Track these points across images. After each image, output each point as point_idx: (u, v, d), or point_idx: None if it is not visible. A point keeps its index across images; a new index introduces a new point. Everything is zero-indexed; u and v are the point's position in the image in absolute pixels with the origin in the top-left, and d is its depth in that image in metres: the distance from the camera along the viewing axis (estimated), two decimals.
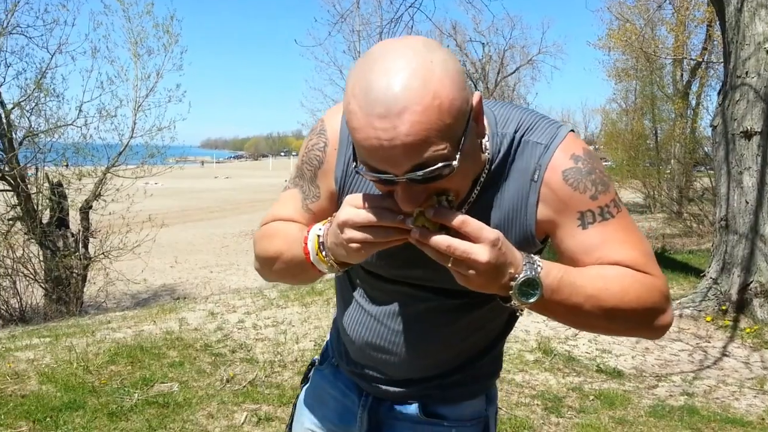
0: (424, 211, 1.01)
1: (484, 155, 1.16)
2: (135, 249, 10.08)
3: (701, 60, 20.93)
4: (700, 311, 5.90)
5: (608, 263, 1.17)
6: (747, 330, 5.53)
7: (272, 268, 1.33)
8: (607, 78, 30.96)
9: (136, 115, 10.57)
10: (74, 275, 9.52)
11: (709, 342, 5.38)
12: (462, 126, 1.00)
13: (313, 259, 1.18)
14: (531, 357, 4.87)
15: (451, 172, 1.00)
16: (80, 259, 9.64)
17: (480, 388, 1.45)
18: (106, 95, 10.55)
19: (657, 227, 19.69)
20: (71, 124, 9.94)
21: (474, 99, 1.04)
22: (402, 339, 1.35)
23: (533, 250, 1.21)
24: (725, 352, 5.19)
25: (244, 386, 4.16)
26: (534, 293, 1.07)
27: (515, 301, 1.08)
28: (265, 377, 4.33)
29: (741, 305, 5.81)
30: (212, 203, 31.06)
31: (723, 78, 6.37)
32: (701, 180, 19.87)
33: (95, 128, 10.19)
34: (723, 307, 5.84)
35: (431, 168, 0.97)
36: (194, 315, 5.93)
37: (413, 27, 8.85)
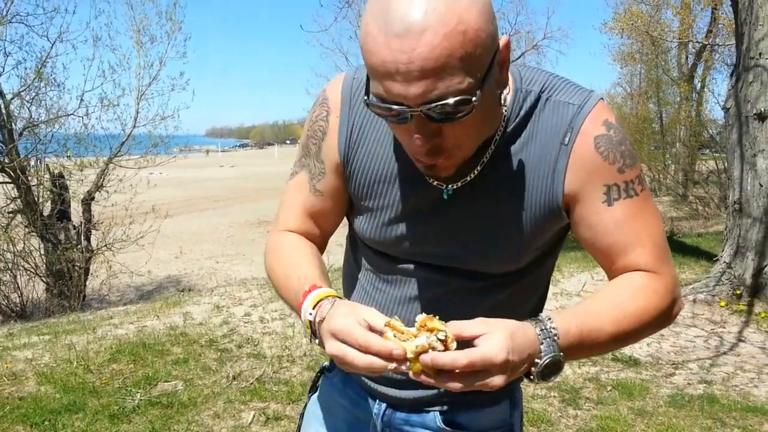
0: (419, 359, 0.90)
1: (503, 110, 1.09)
2: (138, 240, 9.99)
3: (707, 43, 20.71)
4: (714, 296, 5.78)
5: (624, 263, 1.13)
6: (762, 314, 5.42)
7: (276, 292, 1.28)
8: (612, 62, 30.76)
9: (139, 104, 10.50)
10: (76, 268, 9.42)
11: (724, 327, 5.27)
12: (486, 63, 0.92)
13: (304, 332, 1.09)
14: None
15: (469, 113, 0.92)
16: (82, 252, 9.54)
17: (505, 391, 1.31)
18: (108, 84, 10.50)
19: (663, 210, 19.57)
20: (72, 114, 9.87)
21: (502, 41, 0.96)
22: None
23: (555, 228, 1.15)
24: (741, 338, 5.08)
25: (252, 383, 4.06)
26: (557, 372, 1.00)
27: (536, 381, 1.01)
28: (273, 373, 4.22)
29: (756, 289, 5.68)
30: (217, 192, 30.94)
31: (735, 59, 6.21)
32: (707, 163, 19.74)
33: (97, 118, 10.15)
34: (737, 292, 5.71)
35: (448, 101, 0.89)
36: (199, 309, 5.83)
37: None
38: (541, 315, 1.02)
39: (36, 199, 9.32)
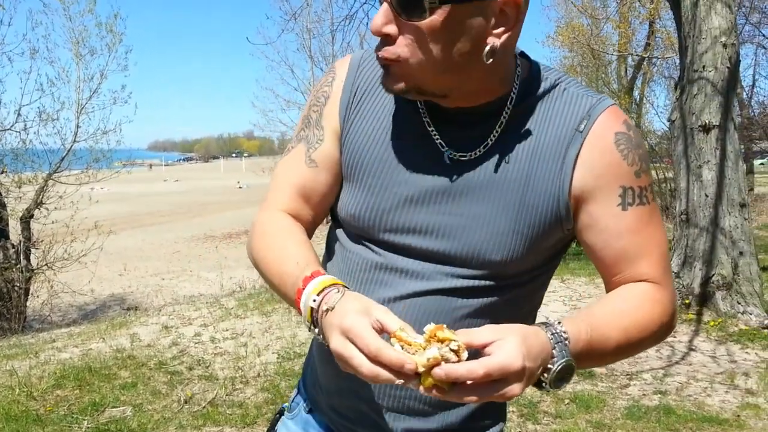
0: (432, 372, 0.83)
1: (500, 71, 1.05)
2: (81, 258, 9.72)
3: (645, 56, 21.34)
4: None
5: (631, 273, 1.09)
6: (711, 323, 5.53)
7: (263, 276, 1.17)
8: None
9: (79, 118, 10.25)
10: (16, 289, 9.08)
11: (675, 337, 5.35)
12: None
13: (303, 321, 0.99)
14: None
15: (418, 12, 0.93)
16: (22, 272, 9.21)
17: (500, 415, 1.24)
18: (47, 98, 10.15)
19: None
20: (9, 129, 9.61)
21: None
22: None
23: (555, 227, 1.09)
24: (692, 347, 5.16)
25: (204, 407, 3.92)
26: (569, 377, 0.94)
27: (548, 388, 0.94)
28: (226, 395, 4.09)
29: (704, 298, 5.81)
30: (162, 207, 30.38)
31: (679, 72, 6.37)
32: None
33: (35, 132, 9.84)
34: (686, 301, 5.83)
35: None
36: (147, 330, 5.64)
37: (368, 24, 8.69)
38: (550, 319, 0.96)
39: None
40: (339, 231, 1.21)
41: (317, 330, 0.95)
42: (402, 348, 0.84)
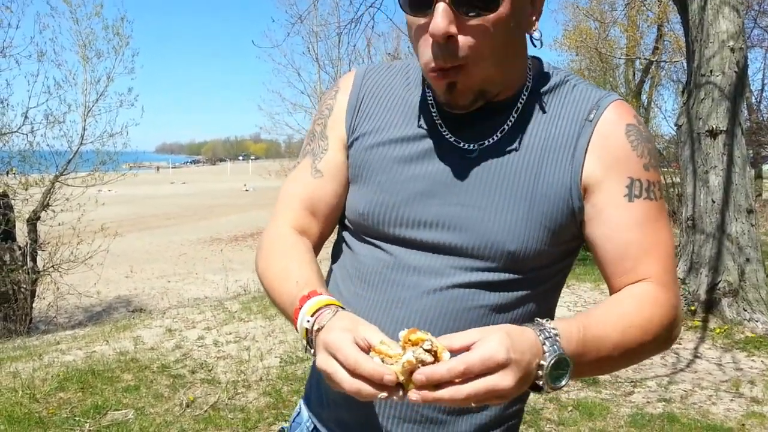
0: (413, 379, 0.80)
1: (524, 59, 1.11)
2: (87, 260, 9.73)
3: (653, 59, 21.27)
4: None
5: (636, 271, 1.06)
6: (717, 330, 5.49)
7: (266, 292, 1.18)
8: None
9: (86, 121, 10.26)
10: (22, 291, 9.10)
11: (680, 344, 5.32)
12: None
13: (299, 328, 0.98)
14: None
15: (493, 6, 0.94)
16: (28, 274, 9.24)
17: (514, 425, 1.21)
18: (54, 100, 10.23)
19: None
20: (16, 131, 9.61)
21: None
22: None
23: (567, 219, 1.08)
24: (697, 354, 5.13)
25: (206, 411, 3.91)
26: (565, 372, 0.89)
27: (546, 388, 0.89)
28: (228, 399, 4.09)
29: (710, 305, 5.77)
30: (169, 210, 30.42)
31: (687, 76, 6.34)
32: None
33: (42, 135, 9.85)
34: (692, 308, 5.79)
35: None
36: (150, 332, 5.63)
37: (374, 27, 8.70)
38: (537, 319, 0.93)
39: None
40: (346, 234, 1.22)
41: (312, 350, 0.95)
42: (383, 361, 0.82)
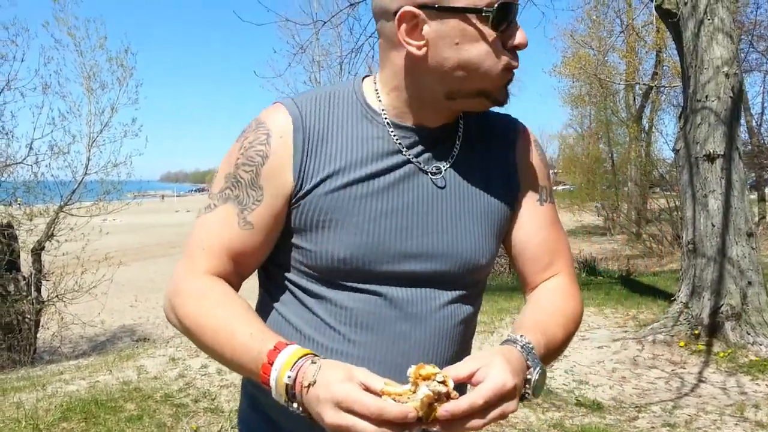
0: (437, 415, 0.87)
1: None
2: (91, 290, 9.75)
3: (653, 85, 21.42)
4: (673, 336, 5.84)
5: (553, 267, 1.26)
6: (721, 354, 5.47)
7: (200, 346, 1.12)
8: (563, 104, 31.54)
9: (91, 151, 10.38)
10: (26, 321, 9.12)
11: (684, 368, 5.31)
12: None
13: (276, 398, 0.97)
14: None
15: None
16: (32, 304, 9.25)
17: None
18: (58, 131, 10.34)
19: (618, 249, 19.92)
20: (21, 162, 9.72)
21: None
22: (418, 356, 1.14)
23: (508, 226, 1.25)
24: (701, 378, 5.11)
25: None
26: (544, 385, 1.03)
27: (531, 398, 1.02)
28: (231, 428, 4.08)
29: (713, 329, 5.76)
30: (173, 238, 30.40)
31: (683, 102, 6.40)
32: (658, 201, 20.20)
33: (47, 166, 9.95)
34: (695, 332, 5.78)
35: None
36: (154, 362, 5.64)
37: (374, 57, 8.80)
38: (511, 335, 1.05)
39: None
40: (305, 283, 1.17)
41: (296, 405, 0.94)
42: (395, 400, 0.87)
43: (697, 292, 5.92)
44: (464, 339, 1.22)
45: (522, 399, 0.99)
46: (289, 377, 0.93)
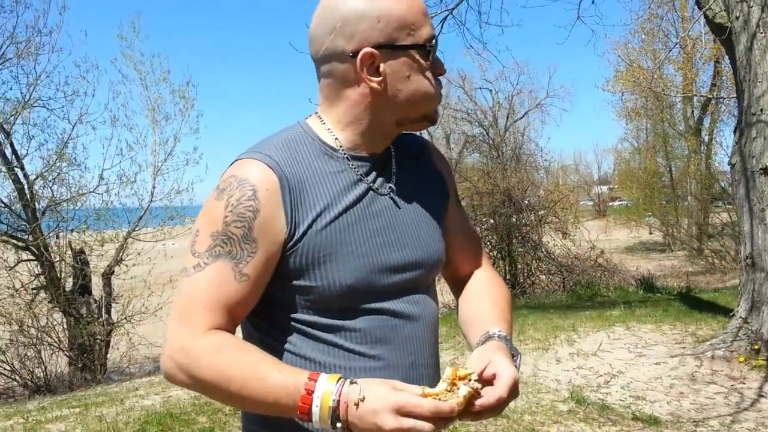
0: (473, 408, 1.10)
1: None
2: (157, 312, 10.06)
3: (711, 96, 21.00)
4: (732, 352, 5.80)
5: (479, 257, 1.54)
6: None
7: (225, 396, 1.17)
8: (617, 118, 31.11)
9: (155, 180, 10.77)
10: (98, 342, 9.53)
11: (744, 383, 5.27)
12: None
13: (317, 423, 1.07)
14: (564, 407, 4.79)
15: None
16: (103, 325, 9.66)
17: None
18: (126, 161, 10.77)
19: (679, 265, 19.49)
20: (93, 192, 10.18)
21: None
22: (425, 366, 1.35)
23: (445, 224, 1.46)
24: (761, 393, 5.07)
25: None
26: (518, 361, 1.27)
27: None
28: None
29: None
30: None
31: (738, 115, 6.38)
32: (720, 215, 19.71)
33: (116, 194, 10.42)
34: (755, 347, 5.73)
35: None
36: None
37: None
38: (489, 331, 1.29)
39: (59, 275, 9.50)
40: (314, 317, 1.24)
41: (340, 425, 1.05)
42: (438, 401, 1.07)
43: (756, 307, 5.87)
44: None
45: None
46: (334, 400, 1.04)
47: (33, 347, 9.04)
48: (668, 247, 24.70)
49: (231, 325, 1.21)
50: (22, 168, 9.51)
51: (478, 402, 1.08)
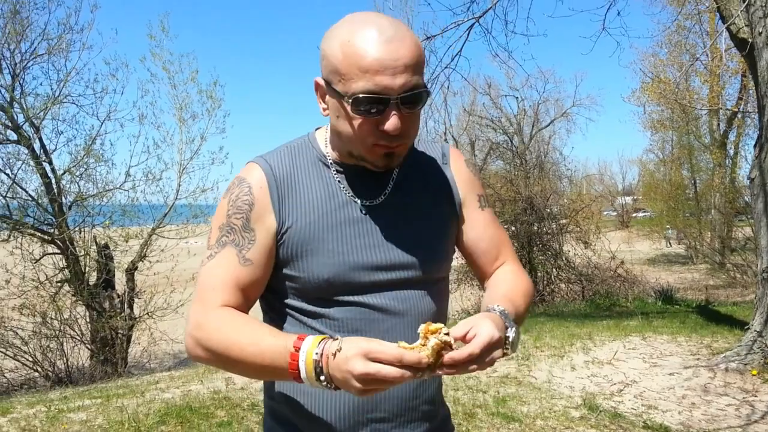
0: (443, 360, 1.13)
1: None
2: (178, 308, 10.19)
3: (737, 110, 20.81)
4: (746, 365, 5.81)
5: (502, 257, 1.54)
6: None
7: (228, 363, 1.29)
8: (643, 129, 30.87)
9: (181, 178, 10.89)
10: (119, 336, 9.69)
11: (756, 396, 5.28)
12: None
13: (305, 378, 1.16)
14: (576, 414, 4.85)
15: (422, 104, 1.28)
16: (125, 320, 9.80)
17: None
18: (153, 159, 10.94)
19: (700, 278, 19.35)
20: (119, 188, 10.30)
21: None
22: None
23: (455, 226, 1.51)
24: None
25: None
26: (519, 341, 1.31)
27: (510, 353, 1.27)
28: None
29: None
30: None
31: (759, 130, 6.39)
32: (743, 229, 19.52)
33: (141, 191, 10.53)
34: None
35: (422, 90, 1.24)
36: None
37: (449, 87, 9.07)
38: (487, 306, 1.32)
39: (83, 269, 9.68)
40: (300, 303, 1.39)
41: (323, 378, 1.14)
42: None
43: None
44: None
45: (503, 355, 1.24)
46: (317, 353, 1.14)
47: (56, 339, 9.22)
48: (690, 260, 24.50)
49: (243, 306, 1.36)
50: (50, 163, 9.68)
51: (448, 354, 1.12)
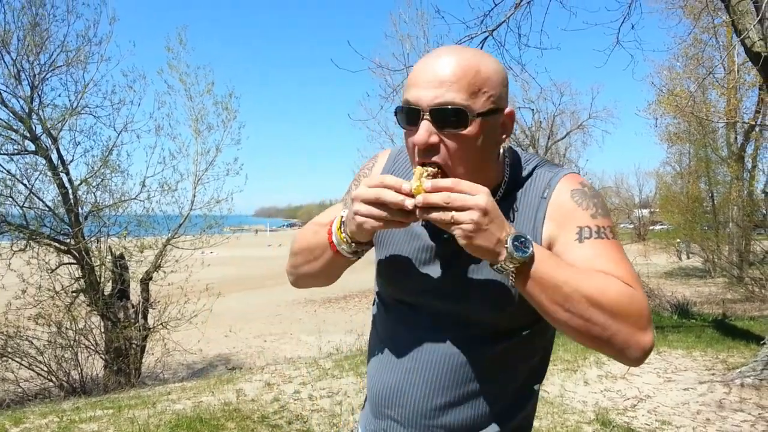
0: (421, 185, 1.18)
1: (504, 175, 1.40)
2: (192, 319, 10.22)
3: (754, 123, 20.63)
4: (762, 380, 5.74)
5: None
6: None
7: (298, 257, 1.54)
8: (660, 142, 30.68)
9: (196, 188, 10.92)
10: (133, 346, 9.72)
11: None
12: (488, 106, 1.25)
13: (334, 234, 1.37)
14: (589, 429, 4.80)
15: (463, 126, 1.22)
16: (140, 330, 9.83)
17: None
18: (168, 170, 10.97)
19: (717, 292, 19.16)
20: (135, 199, 10.33)
21: (508, 109, 1.31)
22: (421, 378, 1.38)
23: None
24: None
25: None
26: (527, 250, 1.17)
27: (507, 262, 1.16)
28: None
29: None
30: (265, 271, 31.37)
31: None
32: (762, 243, 19.30)
33: (157, 202, 10.55)
34: None
35: (449, 107, 1.21)
36: (251, 386, 6.03)
37: None
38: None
39: (98, 279, 9.73)
40: (379, 280, 1.54)
41: (342, 229, 1.35)
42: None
43: None
44: (475, 377, 1.37)
45: (495, 263, 1.18)
46: (343, 212, 1.37)
47: (70, 349, 9.25)
48: (708, 274, 24.24)
49: None
50: (68, 173, 9.74)
51: (432, 180, 1.18)
